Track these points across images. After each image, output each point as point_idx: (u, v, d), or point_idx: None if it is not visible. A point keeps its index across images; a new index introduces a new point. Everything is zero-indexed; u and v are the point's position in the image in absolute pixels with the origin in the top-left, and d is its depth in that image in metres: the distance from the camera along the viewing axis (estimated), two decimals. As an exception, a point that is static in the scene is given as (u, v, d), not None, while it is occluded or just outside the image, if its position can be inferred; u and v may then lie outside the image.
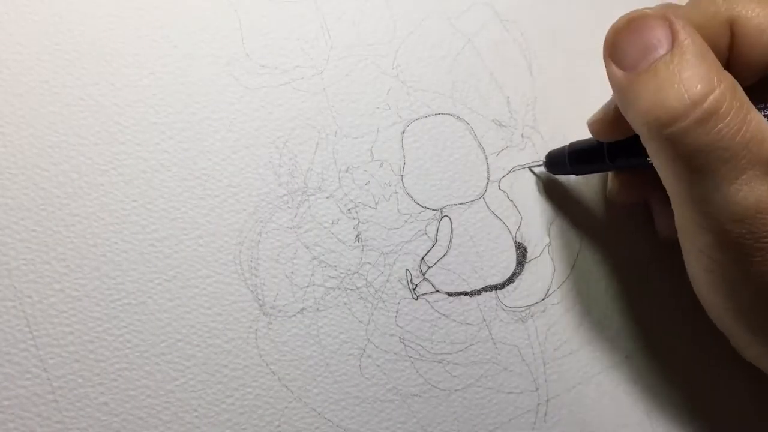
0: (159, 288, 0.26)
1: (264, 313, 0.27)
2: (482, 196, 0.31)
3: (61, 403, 0.24)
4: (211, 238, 0.27)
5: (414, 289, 0.29)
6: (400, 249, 0.29)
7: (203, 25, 0.28)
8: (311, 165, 0.29)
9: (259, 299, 0.27)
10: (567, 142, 0.31)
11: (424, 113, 0.31)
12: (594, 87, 0.35)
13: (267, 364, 0.27)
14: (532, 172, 0.32)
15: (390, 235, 0.29)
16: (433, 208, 0.30)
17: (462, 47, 0.32)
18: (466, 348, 0.30)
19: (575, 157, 0.30)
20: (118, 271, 0.25)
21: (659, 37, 0.23)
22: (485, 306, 0.30)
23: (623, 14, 0.24)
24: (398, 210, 0.30)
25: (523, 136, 0.33)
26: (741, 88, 0.22)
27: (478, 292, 0.30)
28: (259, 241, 0.27)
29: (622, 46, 0.24)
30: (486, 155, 0.32)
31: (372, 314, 0.28)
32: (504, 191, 0.32)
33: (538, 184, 0.32)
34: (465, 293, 0.30)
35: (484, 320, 0.30)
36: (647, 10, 0.23)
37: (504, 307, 0.31)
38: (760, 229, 0.21)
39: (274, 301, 0.27)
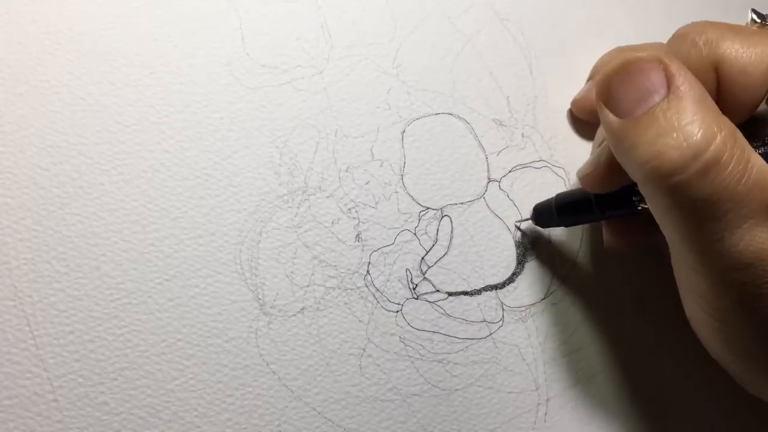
0: (159, 287, 0.26)
1: (264, 313, 0.27)
2: (482, 195, 0.31)
3: (62, 402, 0.24)
4: (211, 238, 0.27)
5: (414, 289, 0.29)
6: (401, 248, 0.29)
7: (203, 25, 0.28)
8: (311, 164, 0.29)
9: (259, 299, 0.27)
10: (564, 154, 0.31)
11: (424, 113, 0.31)
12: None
13: (267, 364, 0.27)
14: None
15: (390, 234, 0.29)
16: (433, 207, 0.30)
17: (462, 47, 0.32)
18: (466, 348, 0.30)
19: (563, 210, 0.29)
20: (118, 271, 0.25)
21: (655, 82, 0.22)
22: (485, 306, 0.30)
23: (615, 59, 0.23)
24: (398, 209, 0.30)
25: (523, 136, 0.33)
26: (740, 133, 0.21)
27: (478, 292, 0.30)
28: (260, 240, 0.27)
29: (616, 92, 0.23)
30: (486, 155, 0.32)
31: (372, 314, 0.28)
32: (504, 191, 0.32)
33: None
34: (465, 293, 0.30)
35: (485, 320, 0.30)
36: (642, 54, 0.23)
37: (504, 307, 0.31)
38: (762, 277, 0.20)
39: (275, 300, 0.27)
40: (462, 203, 0.31)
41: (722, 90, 0.24)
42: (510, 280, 0.31)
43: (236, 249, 0.27)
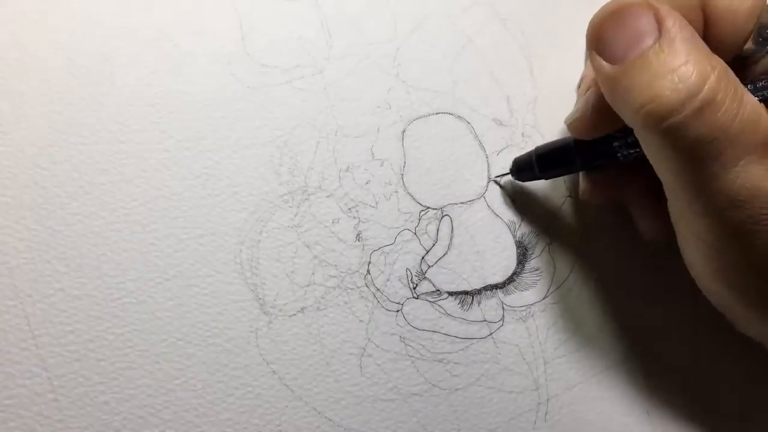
0: (159, 287, 0.26)
1: (264, 312, 0.27)
2: (483, 195, 0.31)
3: (62, 402, 0.24)
4: (211, 238, 0.27)
5: (414, 288, 0.29)
6: (401, 248, 0.29)
7: (203, 25, 0.28)
8: (312, 164, 0.29)
9: (259, 298, 0.27)
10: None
11: (424, 112, 0.31)
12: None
13: (267, 364, 0.27)
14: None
15: (390, 234, 0.29)
16: (433, 207, 0.30)
17: (462, 46, 0.32)
18: (466, 347, 0.30)
19: (543, 161, 0.29)
20: (118, 271, 0.25)
21: (645, 25, 0.22)
22: (486, 305, 0.30)
23: (604, 4, 0.24)
24: (399, 209, 0.30)
25: (523, 135, 0.33)
26: (732, 71, 0.22)
27: (478, 292, 0.30)
28: (260, 240, 0.27)
29: (607, 38, 0.23)
30: (486, 154, 0.32)
31: (372, 313, 0.28)
32: (504, 190, 0.32)
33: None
34: (465, 292, 0.30)
35: (485, 319, 0.30)
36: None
37: (504, 307, 0.31)
38: (758, 213, 0.21)
39: (275, 300, 0.27)
40: (462, 203, 0.31)
41: (709, 29, 0.24)
42: (510, 279, 0.31)
43: (236, 249, 0.27)
